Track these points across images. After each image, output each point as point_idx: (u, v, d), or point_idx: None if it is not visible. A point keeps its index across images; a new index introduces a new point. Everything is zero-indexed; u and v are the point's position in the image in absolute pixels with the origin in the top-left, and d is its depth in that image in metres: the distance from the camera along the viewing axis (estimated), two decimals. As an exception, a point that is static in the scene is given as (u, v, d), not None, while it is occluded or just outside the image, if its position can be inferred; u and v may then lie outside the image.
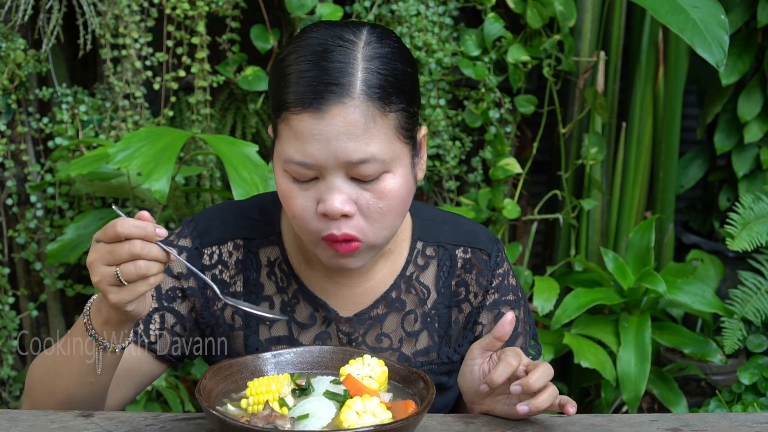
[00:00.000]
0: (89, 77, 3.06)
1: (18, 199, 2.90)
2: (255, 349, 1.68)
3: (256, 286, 1.70)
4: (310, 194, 1.53)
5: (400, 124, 1.53)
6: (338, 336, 1.70)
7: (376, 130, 1.50)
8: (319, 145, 1.48)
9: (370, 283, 1.71)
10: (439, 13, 2.87)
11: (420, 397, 1.45)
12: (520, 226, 3.21)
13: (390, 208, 1.54)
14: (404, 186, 1.56)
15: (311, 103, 1.48)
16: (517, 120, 2.99)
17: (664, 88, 3.05)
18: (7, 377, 3.01)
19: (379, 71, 1.51)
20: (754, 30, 3.16)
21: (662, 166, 3.12)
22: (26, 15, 2.74)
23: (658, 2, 2.52)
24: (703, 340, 2.82)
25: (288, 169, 1.53)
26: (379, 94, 1.50)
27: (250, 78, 2.87)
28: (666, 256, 3.20)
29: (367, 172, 1.50)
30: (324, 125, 1.48)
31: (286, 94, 1.51)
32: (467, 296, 1.75)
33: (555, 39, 2.86)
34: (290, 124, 1.50)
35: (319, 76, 1.49)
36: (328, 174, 1.50)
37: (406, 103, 1.54)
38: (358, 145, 1.48)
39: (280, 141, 1.54)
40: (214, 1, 2.80)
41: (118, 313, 1.44)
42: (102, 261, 1.38)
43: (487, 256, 1.75)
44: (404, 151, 1.56)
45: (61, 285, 2.94)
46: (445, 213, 1.83)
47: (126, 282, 1.38)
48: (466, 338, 1.75)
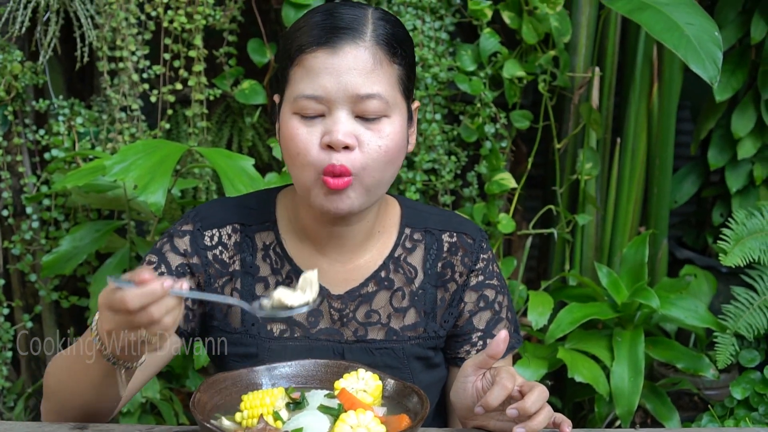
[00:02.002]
0: (86, 89, 3.06)
1: (14, 211, 2.90)
2: (251, 325, 1.76)
3: (252, 267, 1.79)
4: (315, 129, 1.63)
5: (401, 77, 1.68)
6: (330, 312, 1.78)
7: (382, 73, 1.64)
8: (330, 77, 1.61)
9: (359, 262, 1.80)
10: (435, 28, 2.89)
11: (414, 411, 1.45)
12: (515, 241, 3.21)
13: (387, 149, 1.64)
14: (400, 134, 1.68)
15: (326, 41, 1.63)
16: (512, 135, 3.00)
17: (659, 104, 3.06)
18: (2, 388, 3.00)
19: (386, 28, 1.67)
20: (747, 47, 3.18)
21: (656, 182, 3.13)
22: (23, 27, 2.74)
23: (652, 19, 2.54)
24: (696, 355, 2.82)
25: (297, 107, 1.64)
26: (388, 43, 1.65)
27: (247, 91, 2.88)
28: (659, 271, 3.21)
29: (371, 109, 1.63)
30: (337, 60, 1.62)
31: (301, 39, 1.65)
32: (453, 276, 1.83)
33: (550, 55, 2.87)
34: (304, 63, 1.64)
35: (333, 22, 1.64)
36: (335, 108, 1.62)
37: (407, 64, 1.70)
38: (366, 81, 1.62)
39: (292, 84, 1.66)
40: (211, 14, 2.81)
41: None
42: (120, 327, 1.40)
43: (472, 240, 1.85)
44: (403, 105, 1.70)
45: (56, 297, 2.93)
46: (433, 206, 1.97)
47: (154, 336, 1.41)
48: (452, 314, 1.83)
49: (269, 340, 1.76)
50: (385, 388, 1.52)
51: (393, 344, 1.78)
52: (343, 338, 1.78)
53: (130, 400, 1.76)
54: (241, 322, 1.77)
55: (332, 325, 1.78)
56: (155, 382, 2.75)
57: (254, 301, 1.70)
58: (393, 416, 1.44)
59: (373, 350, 1.78)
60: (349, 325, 1.78)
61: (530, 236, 3.08)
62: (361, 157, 1.63)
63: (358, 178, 1.63)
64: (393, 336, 1.78)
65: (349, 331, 1.78)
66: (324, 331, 1.77)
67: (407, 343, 1.79)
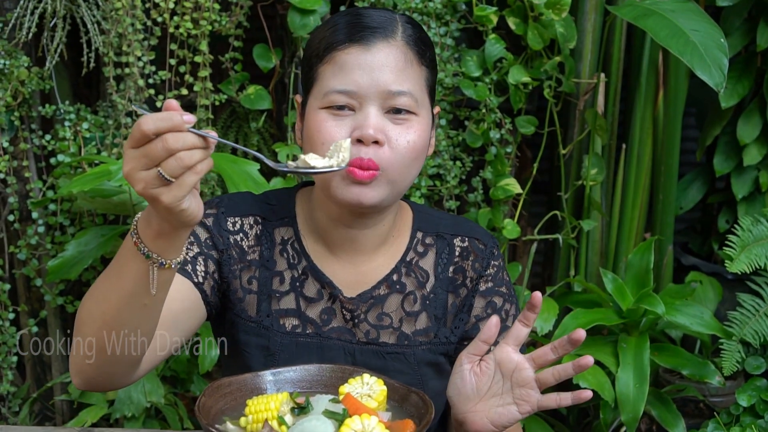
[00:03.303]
0: (92, 95, 3.07)
1: (19, 215, 2.91)
2: (266, 316, 1.77)
3: (269, 261, 1.80)
4: (344, 123, 1.66)
5: (428, 79, 1.73)
6: (342, 312, 1.79)
7: (412, 72, 1.68)
8: (363, 73, 1.64)
9: (372, 265, 1.80)
10: (440, 33, 2.89)
11: (419, 416, 1.45)
12: (520, 246, 3.21)
13: (414, 146, 1.67)
14: (425, 134, 1.70)
15: (360, 39, 1.65)
16: (517, 140, 3.00)
17: (664, 110, 3.06)
18: (7, 393, 3.00)
19: (414, 31, 1.71)
20: (753, 54, 3.18)
21: (662, 188, 3.13)
22: (30, 32, 2.75)
23: (658, 25, 2.54)
24: (702, 361, 2.81)
25: (327, 101, 1.65)
26: (417, 44, 1.69)
27: (252, 97, 2.89)
28: (665, 277, 3.20)
29: (401, 105, 1.65)
30: (370, 56, 1.65)
31: (333, 37, 1.67)
32: (464, 281, 1.83)
33: (556, 60, 2.87)
34: (336, 60, 1.66)
35: (364, 21, 1.68)
36: (366, 104, 1.64)
37: (432, 68, 1.74)
38: (397, 78, 1.65)
39: (321, 81, 1.67)
40: (217, 20, 2.82)
41: (172, 218, 1.34)
42: (139, 167, 1.28)
43: (483, 246, 1.86)
44: (428, 106, 1.73)
45: (62, 301, 2.94)
46: (444, 212, 2.00)
47: (173, 178, 1.28)
48: (462, 320, 1.83)
49: (281, 335, 1.76)
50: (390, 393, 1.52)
51: (404, 349, 1.78)
52: (355, 339, 1.78)
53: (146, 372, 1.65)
54: (257, 311, 1.78)
55: (344, 325, 1.78)
56: (160, 387, 2.75)
57: (271, 294, 1.76)
58: (398, 421, 1.44)
59: (384, 354, 1.78)
60: (361, 326, 1.78)
61: (535, 242, 3.08)
62: (389, 153, 1.65)
63: (384, 173, 1.65)
64: (405, 341, 1.79)
65: (361, 332, 1.78)
66: (336, 330, 1.78)
67: (418, 348, 1.79)
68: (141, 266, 1.40)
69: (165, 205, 1.30)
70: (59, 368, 3.08)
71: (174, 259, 1.41)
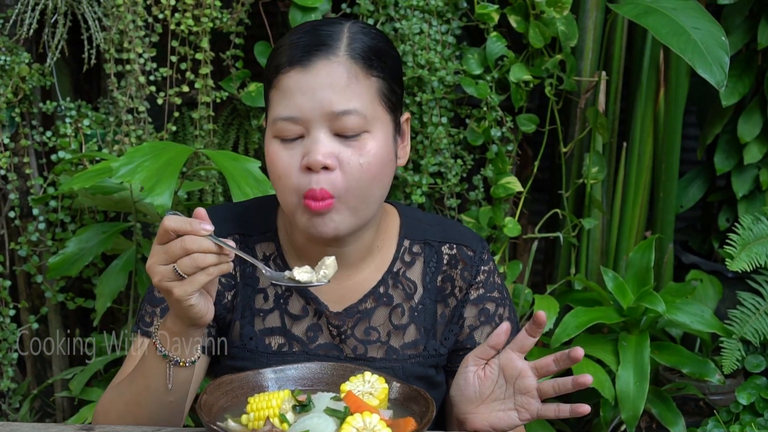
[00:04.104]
0: (93, 91, 3.07)
1: (20, 212, 2.91)
2: (249, 339, 1.76)
3: (252, 278, 1.77)
4: (295, 152, 1.60)
5: (382, 90, 1.63)
6: (329, 328, 1.75)
7: (358, 87, 1.59)
8: (304, 97, 1.58)
9: (358, 278, 1.76)
10: (442, 31, 2.89)
11: (420, 414, 1.45)
12: (521, 245, 3.21)
13: (369, 166, 1.60)
14: (384, 149, 1.63)
15: (299, 61, 1.59)
16: (518, 138, 3.00)
17: (665, 108, 3.06)
18: (7, 389, 3.00)
19: (363, 41, 1.63)
20: (754, 52, 3.18)
21: (662, 186, 3.13)
22: (31, 29, 2.75)
23: (659, 23, 2.54)
24: (702, 360, 2.82)
25: (276, 130, 1.62)
26: (362, 56, 1.61)
27: (254, 94, 2.88)
28: (665, 275, 3.20)
29: (349, 125, 1.58)
30: (310, 78, 1.58)
31: (278, 60, 1.63)
32: (453, 291, 1.80)
33: (557, 59, 2.87)
34: (280, 85, 1.61)
35: (309, 40, 1.61)
36: (313, 128, 1.59)
37: (389, 75, 1.65)
38: (341, 98, 1.58)
39: (271, 107, 1.64)
40: (218, 17, 2.82)
41: (182, 313, 1.48)
42: (159, 261, 1.44)
43: (472, 252, 1.81)
44: (386, 118, 1.64)
45: (62, 298, 2.94)
46: (433, 215, 1.92)
47: (185, 275, 1.43)
48: (452, 332, 1.80)
49: (267, 355, 1.74)
50: (391, 391, 1.53)
51: (393, 363, 1.75)
52: (342, 355, 1.75)
53: None
54: (240, 336, 1.76)
55: (331, 341, 1.76)
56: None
57: (255, 313, 1.75)
58: (399, 419, 1.44)
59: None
60: (348, 342, 1.75)
61: (536, 240, 3.08)
62: (342, 178, 1.59)
63: (341, 200, 1.60)
64: (393, 355, 1.76)
65: (348, 348, 1.75)
66: (322, 347, 1.75)
67: (408, 362, 1.76)
68: (160, 365, 1.55)
69: (175, 298, 1.45)
70: (60, 365, 3.08)
71: (188, 358, 1.56)
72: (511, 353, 1.61)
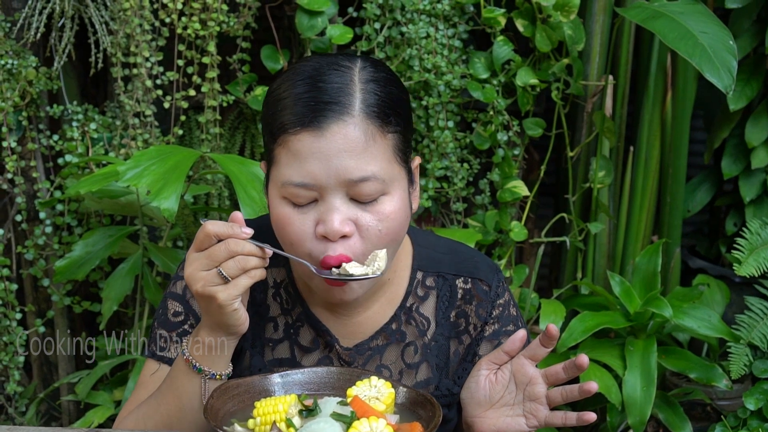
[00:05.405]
0: (100, 95, 3.07)
1: (27, 216, 2.92)
2: (258, 370, 1.70)
3: (262, 306, 1.72)
4: (308, 217, 1.51)
5: (397, 145, 1.53)
6: (339, 363, 1.71)
7: (375, 149, 1.49)
8: (319, 163, 1.47)
9: (368, 313, 1.71)
10: (448, 35, 2.89)
11: (426, 419, 1.45)
12: (527, 249, 3.21)
13: (389, 231, 1.52)
14: (402, 210, 1.54)
15: (311, 121, 1.47)
16: (525, 143, 2.99)
17: (672, 112, 3.05)
18: (14, 393, 3.01)
19: (377, 92, 1.51)
20: (762, 56, 3.17)
21: (669, 191, 3.13)
22: (38, 33, 2.76)
23: (666, 27, 2.53)
24: (709, 365, 2.81)
25: (286, 193, 1.51)
26: (378, 114, 1.50)
27: (260, 98, 2.88)
28: (672, 280, 3.20)
29: (367, 191, 1.49)
30: (324, 143, 1.47)
31: (283, 116, 1.50)
32: (467, 327, 1.75)
33: (564, 63, 2.87)
34: (289, 145, 1.49)
35: (317, 96, 1.48)
36: (328, 194, 1.49)
37: (402, 127, 1.55)
38: (359, 163, 1.47)
39: (278, 166, 1.52)
40: (225, 21, 2.82)
41: (222, 320, 1.49)
42: (201, 267, 1.45)
43: (488, 287, 1.75)
44: (401, 174, 1.56)
45: (69, 302, 2.94)
46: (445, 241, 1.81)
47: (230, 278, 1.44)
48: (466, 370, 1.75)
49: None
50: (398, 395, 1.52)
51: None
52: None
53: None
54: (249, 366, 1.72)
55: None
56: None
57: (264, 343, 1.71)
58: (405, 424, 1.43)
59: None
60: None
61: (542, 244, 3.08)
62: (360, 244, 1.51)
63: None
64: None
65: None
66: None
67: None
68: (194, 382, 1.55)
69: (219, 302, 1.45)
70: (66, 368, 3.08)
71: (224, 370, 1.56)
72: (523, 359, 1.60)
